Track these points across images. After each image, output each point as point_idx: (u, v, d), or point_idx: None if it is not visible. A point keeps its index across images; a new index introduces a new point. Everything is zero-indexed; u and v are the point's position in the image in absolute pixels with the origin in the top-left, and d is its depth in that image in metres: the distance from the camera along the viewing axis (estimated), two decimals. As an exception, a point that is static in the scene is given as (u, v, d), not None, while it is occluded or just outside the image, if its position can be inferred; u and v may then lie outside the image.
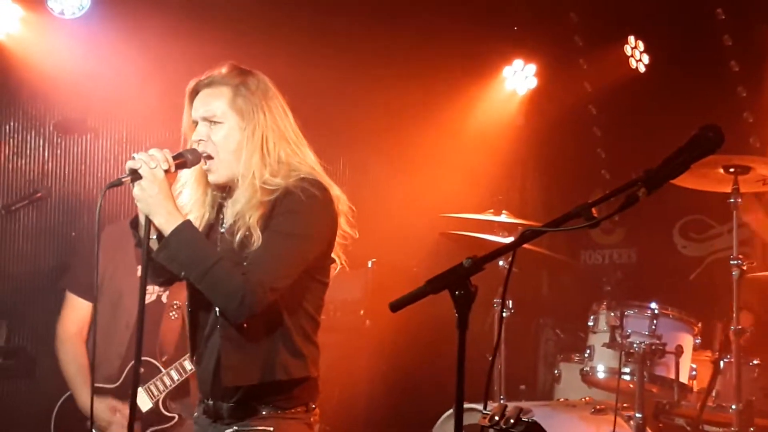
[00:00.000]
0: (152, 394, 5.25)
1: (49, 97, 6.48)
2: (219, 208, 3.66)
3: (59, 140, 6.64)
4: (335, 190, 3.58)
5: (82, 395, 5.34)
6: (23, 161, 6.51)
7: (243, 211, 3.48)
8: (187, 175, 3.64)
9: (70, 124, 6.61)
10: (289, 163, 3.55)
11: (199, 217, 3.64)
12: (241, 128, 3.54)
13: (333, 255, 3.64)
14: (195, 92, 3.62)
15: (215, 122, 3.55)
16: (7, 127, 6.48)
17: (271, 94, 3.62)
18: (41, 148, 6.59)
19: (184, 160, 3.50)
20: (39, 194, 6.27)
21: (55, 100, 6.49)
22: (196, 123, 3.60)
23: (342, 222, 3.61)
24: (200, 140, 3.55)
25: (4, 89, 6.41)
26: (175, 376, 5.28)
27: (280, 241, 3.44)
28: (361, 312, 6.62)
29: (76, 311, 5.48)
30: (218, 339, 3.52)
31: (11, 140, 6.48)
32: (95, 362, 5.16)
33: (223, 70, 3.61)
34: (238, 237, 3.46)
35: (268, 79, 3.66)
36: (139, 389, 5.15)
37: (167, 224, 3.36)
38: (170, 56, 6.33)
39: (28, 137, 6.56)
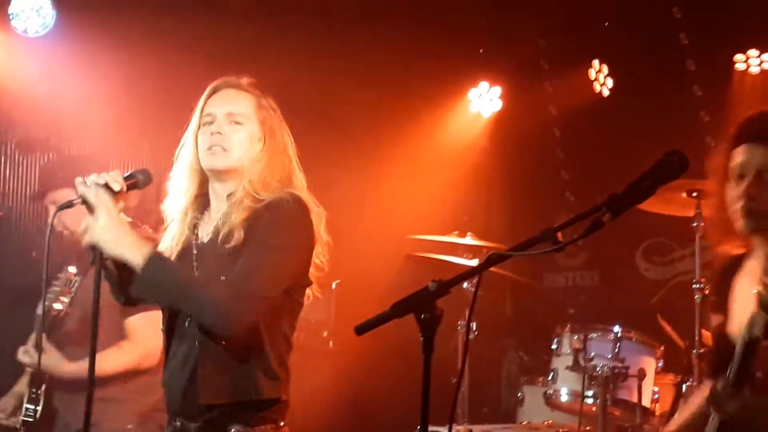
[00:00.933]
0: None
1: (11, 116, 6.44)
2: (194, 227, 3.65)
3: (21, 159, 6.58)
4: (313, 209, 3.59)
5: None
6: (-16, 180, 6.46)
7: (229, 211, 3.50)
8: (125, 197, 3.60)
9: (32, 143, 6.55)
10: (281, 183, 3.57)
11: (174, 236, 3.63)
12: (258, 137, 3.59)
13: (310, 277, 3.65)
14: (216, 90, 3.64)
15: (237, 122, 3.57)
16: (-31, 147, 6.44)
17: (282, 118, 3.70)
18: (2, 167, 6.54)
19: (135, 180, 3.49)
20: (0, 214, 6.22)
21: (17, 118, 6.45)
22: (209, 118, 3.59)
23: (319, 249, 3.62)
24: (218, 132, 3.55)
25: (-34, 108, 6.37)
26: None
27: (264, 251, 3.43)
28: (325, 333, 6.60)
29: None
30: (196, 356, 3.49)
31: (-28, 159, 6.43)
32: None
33: (245, 80, 3.67)
34: (221, 234, 3.48)
35: None
36: None
37: (133, 257, 3.33)
38: (134, 75, 6.31)
39: (-10, 156, 6.51)
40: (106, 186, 3.36)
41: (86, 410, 3.33)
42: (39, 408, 4.86)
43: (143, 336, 4.78)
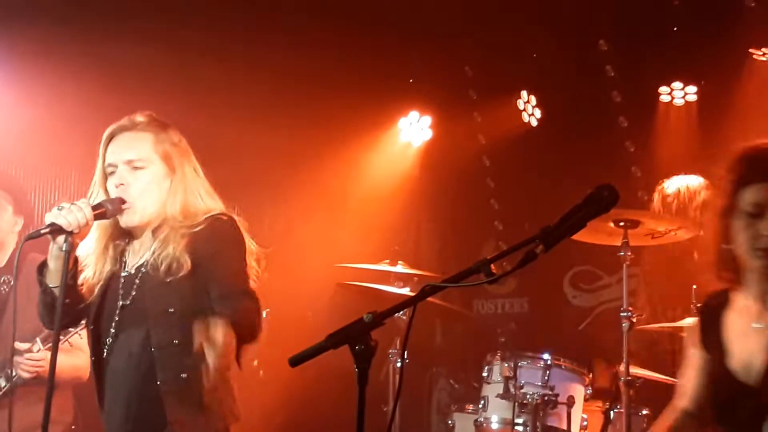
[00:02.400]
0: None
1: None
2: (120, 255, 3.63)
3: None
4: (250, 246, 3.66)
5: None
6: None
7: (164, 244, 3.50)
8: (89, 228, 3.58)
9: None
10: (204, 212, 3.59)
11: (97, 270, 3.59)
12: (165, 174, 3.57)
13: None
14: (112, 137, 3.60)
15: (137, 167, 3.53)
16: None
17: (188, 147, 3.69)
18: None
19: (103, 210, 3.48)
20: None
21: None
22: (112, 167, 3.55)
23: (252, 277, 3.64)
24: (122, 184, 3.52)
25: None
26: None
27: (230, 260, 3.54)
28: (255, 363, 6.55)
29: None
30: (152, 392, 3.47)
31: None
32: None
33: (141, 118, 3.63)
34: (163, 267, 3.47)
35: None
36: None
37: None
38: (67, 105, 6.26)
39: None
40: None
41: (45, 409, 3.36)
42: None
43: (85, 346, 4.66)
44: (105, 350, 3.59)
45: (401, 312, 2.73)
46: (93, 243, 3.61)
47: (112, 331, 3.57)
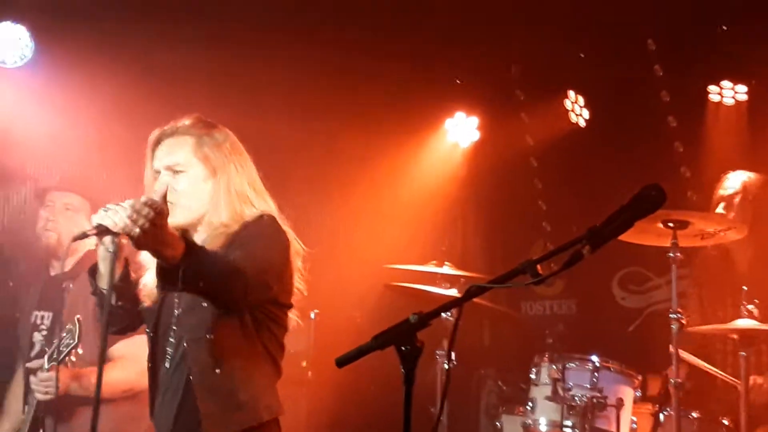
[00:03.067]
0: None
1: (-14, 146, 6.41)
2: None
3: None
4: (295, 244, 3.65)
5: None
6: (-40, 211, 6.43)
7: (203, 243, 3.50)
8: None
9: (8, 173, 6.54)
10: (248, 208, 3.61)
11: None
12: (206, 177, 3.59)
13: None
14: (157, 143, 3.65)
15: (178, 171, 3.57)
16: (-56, 177, 6.41)
17: (237, 147, 3.69)
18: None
19: None
20: (-24, 245, 6.19)
21: (-7, 148, 6.43)
22: (158, 173, 3.60)
23: (296, 277, 3.65)
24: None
25: (-58, 138, 6.34)
26: None
27: (252, 246, 3.47)
28: (304, 363, 6.59)
29: None
30: (188, 388, 3.50)
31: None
32: None
33: (187, 121, 3.66)
34: None
35: (232, 133, 3.71)
36: None
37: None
38: (113, 106, 6.32)
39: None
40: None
41: (92, 423, 3.33)
42: None
43: (135, 355, 4.62)
44: (160, 358, 3.63)
45: (448, 313, 2.73)
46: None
47: (171, 340, 3.61)
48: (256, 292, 3.41)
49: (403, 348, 2.58)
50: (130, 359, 4.77)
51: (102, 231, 3.36)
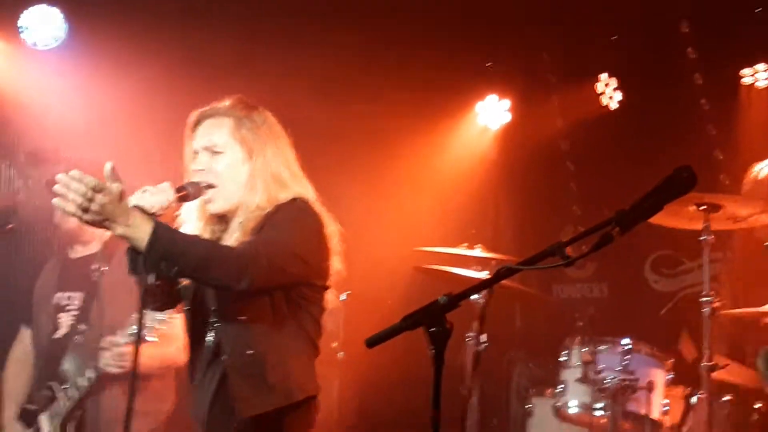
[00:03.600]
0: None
1: (22, 128, 6.47)
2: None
3: (31, 170, 6.61)
4: (331, 226, 3.65)
5: None
6: (-5, 192, 6.48)
7: (240, 226, 3.53)
8: (187, 211, 3.65)
9: (42, 155, 6.58)
10: (284, 191, 3.61)
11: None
12: (243, 159, 3.59)
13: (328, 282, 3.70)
14: (197, 123, 3.66)
15: (216, 152, 3.58)
16: (-22, 158, 6.47)
17: (276, 129, 3.70)
18: (13, 179, 6.56)
19: (186, 193, 3.53)
20: (10, 225, 6.23)
21: (27, 130, 6.48)
22: (196, 153, 3.62)
23: (335, 260, 3.66)
24: (201, 170, 3.57)
25: (-24, 120, 6.41)
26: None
27: (275, 230, 3.48)
28: (335, 344, 6.61)
29: None
30: (222, 369, 3.53)
31: (-18, 171, 6.46)
32: None
33: (227, 102, 3.67)
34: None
35: (271, 115, 3.70)
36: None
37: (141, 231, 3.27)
38: (144, 86, 6.35)
39: (0, 168, 6.53)
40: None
41: (129, 401, 3.38)
42: None
43: (174, 330, 4.60)
44: (200, 335, 3.65)
45: (478, 295, 2.73)
46: (192, 226, 3.67)
47: (209, 319, 3.63)
48: (264, 276, 3.37)
49: (432, 329, 2.59)
50: (168, 336, 4.78)
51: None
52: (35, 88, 6.36)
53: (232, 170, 3.58)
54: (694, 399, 5.51)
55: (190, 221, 3.68)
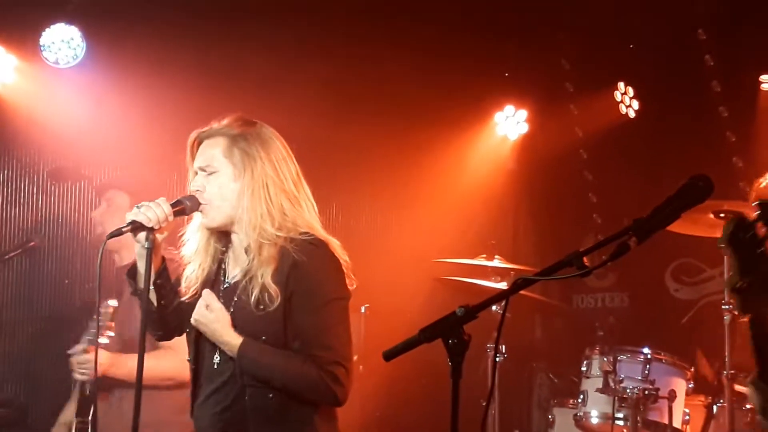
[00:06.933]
0: None
1: (42, 145, 6.52)
2: (219, 262, 3.65)
3: (53, 188, 6.66)
4: (333, 244, 3.56)
5: None
6: (17, 210, 6.53)
7: (253, 270, 3.47)
8: (193, 225, 3.65)
9: (63, 172, 6.63)
10: (291, 216, 3.53)
11: (200, 266, 3.63)
12: (235, 176, 3.53)
13: None
14: (197, 143, 3.65)
15: (211, 172, 3.56)
16: (1, 176, 6.51)
17: (272, 145, 3.58)
18: (35, 197, 6.61)
19: (182, 207, 3.52)
20: (32, 243, 6.28)
21: (48, 148, 6.53)
22: (196, 174, 3.62)
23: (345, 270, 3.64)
24: (197, 190, 3.57)
25: (-1, 138, 6.46)
26: None
27: (325, 313, 3.48)
28: (355, 357, 6.60)
29: None
30: (241, 409, 3.50)
31: (5, 189, 6.50)
32: None
33: (224, 121, 3.61)
34: (253, 297, 3.44)
35: (272, 129, 3.66)
36: None
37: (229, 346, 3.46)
38: (164, 105, 6.39)
39: (22, 185, 6.58)
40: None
41: (134, 420, 3.38)
42: None
43: (178, 346, 4.46)
44: (203, 355, 3.61)
45: (496, 306, 2.73)
46: (195, 242, 3.65)
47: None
48: (350, 378, 3.51)
49: (449, 341, 2.59)
50: (175, 349, 4.77)
51: (136, 227, 3.41)
52: (56, 106, 6.41)
53: (224, 189, 3.52)
54: (715, 408, 5.50)
55: (194, 239, 3.66)
